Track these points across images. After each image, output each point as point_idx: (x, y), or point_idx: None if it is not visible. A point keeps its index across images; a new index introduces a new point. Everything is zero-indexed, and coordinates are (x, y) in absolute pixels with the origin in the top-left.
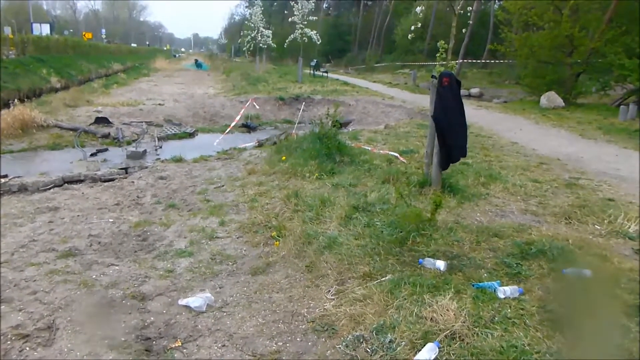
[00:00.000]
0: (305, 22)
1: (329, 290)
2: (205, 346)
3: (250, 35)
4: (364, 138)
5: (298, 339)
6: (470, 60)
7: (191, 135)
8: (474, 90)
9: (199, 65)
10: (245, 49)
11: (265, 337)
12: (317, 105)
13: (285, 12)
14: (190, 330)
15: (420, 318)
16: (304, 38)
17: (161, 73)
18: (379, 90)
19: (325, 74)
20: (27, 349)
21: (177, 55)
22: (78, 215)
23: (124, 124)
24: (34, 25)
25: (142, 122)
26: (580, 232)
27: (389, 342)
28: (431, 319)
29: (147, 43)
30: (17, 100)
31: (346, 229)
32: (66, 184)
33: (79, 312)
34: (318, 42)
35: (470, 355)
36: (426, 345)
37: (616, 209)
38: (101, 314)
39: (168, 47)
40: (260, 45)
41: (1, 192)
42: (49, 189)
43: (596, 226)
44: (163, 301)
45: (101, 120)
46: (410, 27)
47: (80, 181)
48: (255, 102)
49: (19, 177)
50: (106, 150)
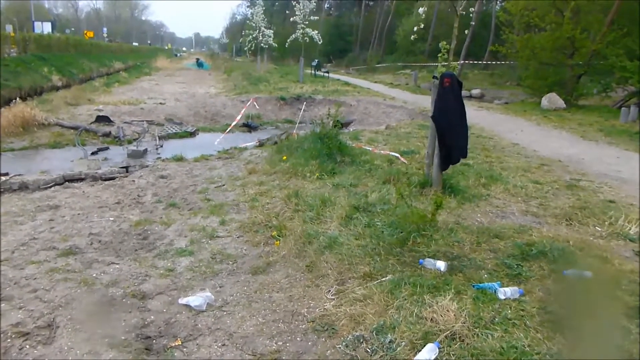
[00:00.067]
0: (307, 22)
1: (329, 290)
2: (205, 345)
3: (252, 35)
4: (365, 138)
5: (298, 338)
6: (471, 62)
7: (192, 134)
8: (475, 91)
9: (200, 65)
10: (246, 48)
11: (265, 337)
12: (318, 106)
13: (287, 11)
14: (190, 329)
15: (421, 318)
16: (306, 38)
17: (162, 72)
18: (380, 91)
19: (326, 74)
20: (27, 347)
21: (178, 54)
22: (79, 214)
23: (125, 122)
24: (36, 23)
25: (143, 121)
26: (581, 234)
27: (389, 342)
28: (431, 320)
29: (149, 42)
30: (18, 99)
31: (347, 229)
32: (67, 183)
33: (79, 311)
34: (319, 42)
35: (470, 356)
36: (426, 346)
37: (617, 210)
38: (101, 312)
39: (169, 46)
40: (262, 45)
41: (2, 190)
42: (50, 187)
43: (597, 228)
44: (163, 300)
45: (102, 119)
46: (413, 28)
47: (81, 180)
48: (256, 102)
49: (19, 175)
50: (107, 149)
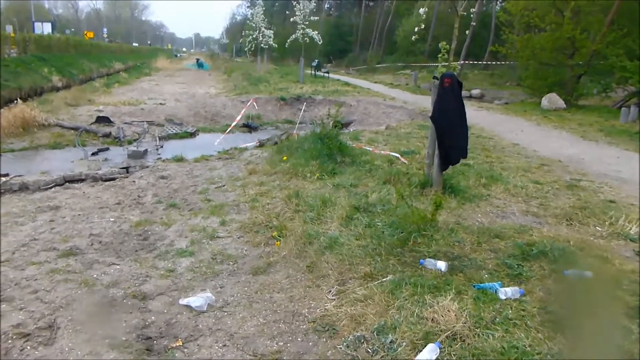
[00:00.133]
0: (307, 22)
1: (330, 291)
2: (206, 346)
3: (252, 35)
4: (365, 138)
5: (299, 339)
6: (471, 62)
7: (192, 134)
8: (475, 92)
9: (200, 65)
10: (246, 49)
11: (266, 337)
12: (318, 106)
13: (287, 12)
14: (191, 329)
15: (421, 319)
16: (306, 38)
17: (162, 72)
18: (380, 91)
19: (326, 75)
20: (28, 347)
21: (178, 54)
22: (79, 215)
23: (125, 123)
24: (36, 24)
25: (143, 121)
26: (581, 234)
27: (390, 342)
28: (432, 320)
29: (149, 42)
30: (19, 99)
31: (347, 229)
32: (67, 183)
33: (79, 311)
34: (319, 43)
35: (471, 356)
36: (427, 346)
37: (617, 210)
38: (102, 313)
39: (169, 46)
40: (262, 45)
41: (2, 190)
42: (50, 188)
43: (597, 228)
44: (164, 301)
45: (102, 120)
46: (414, 29)
47: (82, 180)
48: (256, 102)
49: (20, 176)
50: (107, 149)
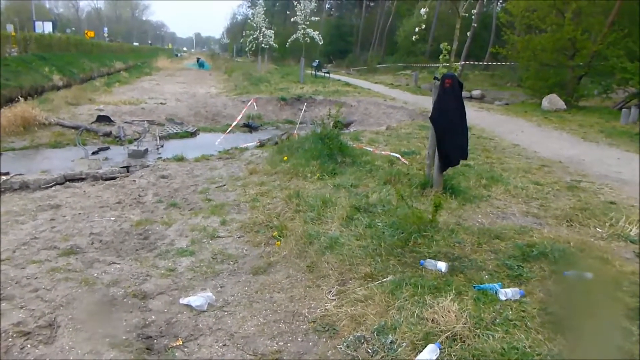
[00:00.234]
0: (308, 22)
1: (330, 291)
2: (206, 345)
3: (253, 35)
4: (365, 139)
5: (299, 339)
6: (472, 62)
7: (193, 134)
8: (475, 92)
9: (201, 65)
10: (247, 48)
11: (266, 337)
12: (319, 106)
13: (288, 12)
14: (191, 329)
15: (422, 319)
16: (306, 38)
17: (163, 72)
18: (380, 92)
19: (327, 75)
20: (28, 346)
21: (179, 54)
22: (79, 214)
23: (125, 122)
24: (37, 23)
25: (144, 120)
26: (581, 235)
27: (390, 343)
28: (432, 320)
29: (149, 42)
30: (20, 98)
31: (347, 229)
32: (68, 182)
33: (80, 310)
34: (320, 43)
35: (471, 356)
36: (427, 347)
37: (618, 212)
38: (102, 312)
39: (170, 46)
40: (263, 45)
41: (3, 189)
42: (51, 186)
43: (597, 229)
44: (164, 300)
45: (103, 119)
46: (414, 29)
47: (82, 179)
48: (256, 103)
49: (20, 174)
50: (108, 148)
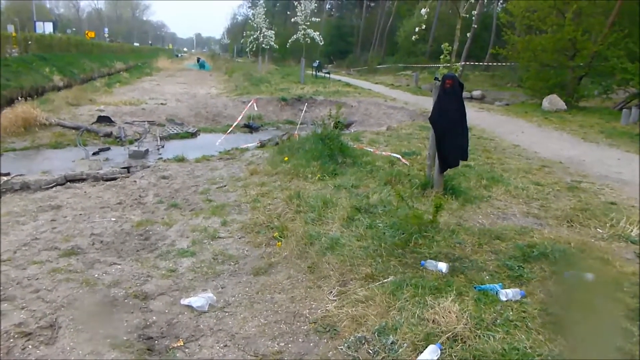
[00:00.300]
0: (308, 22)
1: (331, 292)
2: (207, 346)
3: (253, 36)
4: (366, 139)
5: (300, 339)
6: (472, 63)
7: (193, 135)
8: (475, 93)
9: (201, 65)
10: (247, 49)
11: (267, 338)
12: (319, 106)
13: (288, 12)
14: (192, 330)
15: (422, 320)
16: (307, 39)
17: (163, 72)
18: (381, 92)
19: (327, 75)
20: (29, 347)
21: (179, 54)
22: (80, 214)
23: (126, 123)
24: (37, 23)
25: (145, 121)
26: (582, 236)
27: (391, 343)
28: (433, 321)
29: (150, 42)
30: (20, 99)
31: (348, 230)
32: (68, 183)
33: (81, 311)
34: (320, 43)
35: (472, 357)
36: (428, 347)
37: (618, 212)
38: (103, 312)
39: (170, 46)
40: (263, 45)
41: (4, 190)
42: (52, 187)
43: (598, 229)
44: (165, 301)
45: (103, 119)
46: (415, 29)
47: (83, 180)
48: (257, 103)
49: (21, 175)
50: (108, 149)
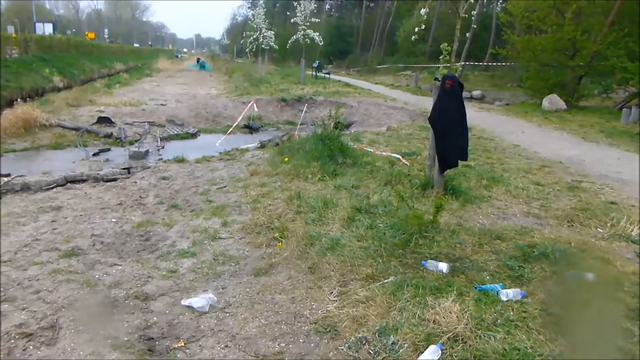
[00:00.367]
0: (308, 23)
1: (332, 292)
2: (208, 347)
3: (253, 36)
4: (366, 140)
5: (300, 340)
6: (472, 63)
7: (193, 135)
8: (475, 93)
9: (201, 66)
10: (247, 49)
11: (268, 338)
12: (319, 107)
13: (288, 13)
14: (193, 330)
15: (423, 320)
16: (307, 39)
17: (163, 73)
18: (380, 92)
19: (327, 76)
20: (30, 347)
21: (179, 55)
22: (81, 215)
23: (126, 124)
24: (37, 24)
25: (145, 122)
26: (582, 235)
27: (392, 344)
28: (434, 321)
29: (150, 43)
30: (20, 100)
31: (349, 230)
32: (69, 184)
33: (82, 312)
34: (320, 44)
35: (472, 357)
36: (429, 348)
37: (618, 212)
38: (104, 313)
39: (170, 47)
40: (263, 46)
41: (4, 191)
42: (52, 188)
43: (598, 229)
44: (166, 301)
45: (104, 120)
46: (414, 29)
47: (83, 181)
48: (257, 104)
49: (21, 176)
50: (109, 150)
